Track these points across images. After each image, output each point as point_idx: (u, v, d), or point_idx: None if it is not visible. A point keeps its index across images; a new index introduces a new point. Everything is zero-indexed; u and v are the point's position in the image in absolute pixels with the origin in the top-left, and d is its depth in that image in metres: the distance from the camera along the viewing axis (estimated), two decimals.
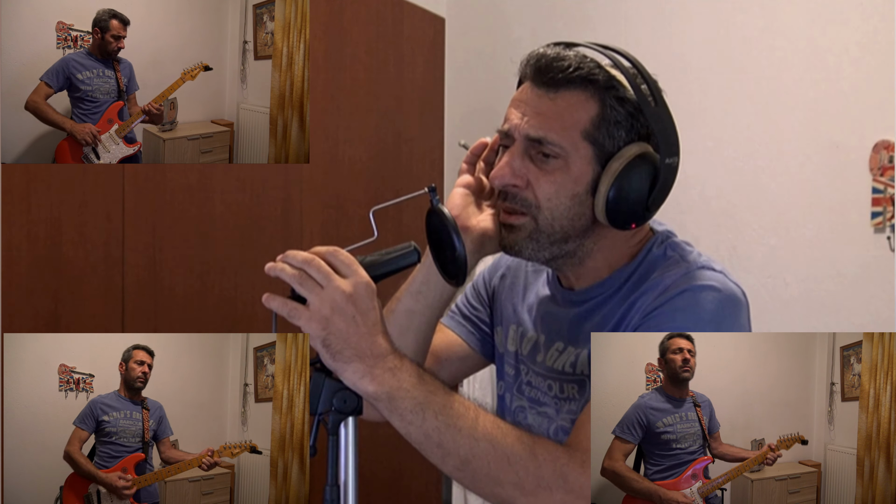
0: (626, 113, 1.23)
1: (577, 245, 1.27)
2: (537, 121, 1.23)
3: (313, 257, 1.10)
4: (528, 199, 1.24)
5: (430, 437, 1.11)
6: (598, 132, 1.22)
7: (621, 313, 1.24)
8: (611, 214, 1.23)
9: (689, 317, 1.17)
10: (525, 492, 1.12)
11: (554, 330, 1.33)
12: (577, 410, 1.28)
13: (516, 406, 1.39)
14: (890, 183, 2.67)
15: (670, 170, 1.23)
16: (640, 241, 1.30)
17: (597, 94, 1.23)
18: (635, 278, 1.26)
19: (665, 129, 1.23)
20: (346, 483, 1.11)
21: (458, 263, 1.18)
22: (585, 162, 1.23)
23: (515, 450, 1.12)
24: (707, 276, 1.21)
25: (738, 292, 1.21)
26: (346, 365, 1.09)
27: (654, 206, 1.24)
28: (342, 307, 1.08)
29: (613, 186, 1.22)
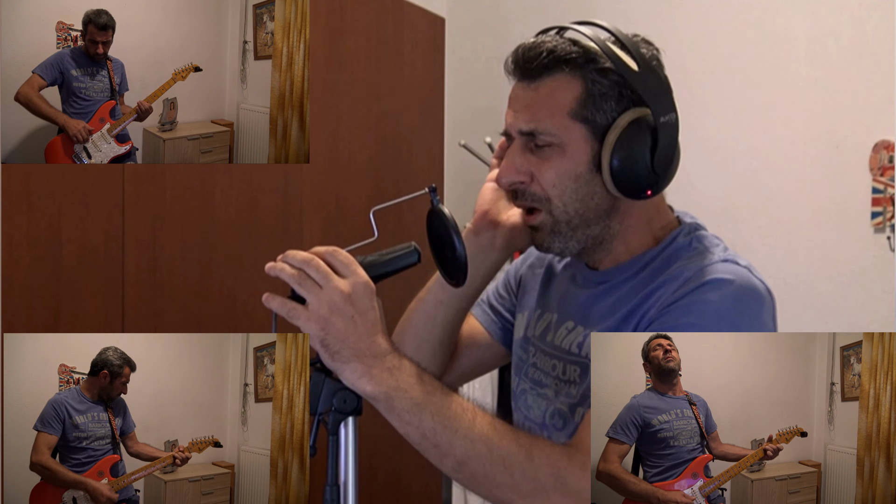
0: (611, 83, 1.22)
1: (602, 228, 1.26)
2: (526, 114, 1.24)
3: (312, 257, 1.10)
4: (536, 193, 1.25)
5: (428, 437, 1.11)
6: (586, 109, 1.22)
7: (638, 300, 1.23)
8: (620, 185, 1.22)
9: (707, 310, 1.16)
10: (522, 494, 1.12)
11: (568, 309, 1.33)
12: (575, 395, 1.27)
13: (520, 389, 1.38)
14: (890, 183, 2.67)
15: (668, 127, 1.22)
16: (665, 228, 1.29)
17: (576, 71, 1.22)
18: (656, 264, 1.25)
19: (652, 88, 1.22)
20: (346, 483, 1.11)
21: (458, 264, 1.18)
22: (582, 141, 1.23)
23: (512, 452, 1.12)
24: (729, 270, 1.19)
25: (761, 288, 1.20)
26: (344, 365, 1.09)
27: (661, 169, 1.23)
28: (341, 307, 1.08)
29: (614, 157, 1.21)
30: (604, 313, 1.26)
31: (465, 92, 3.58)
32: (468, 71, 3.59)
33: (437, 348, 1.42)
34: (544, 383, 1.33)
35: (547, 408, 1.32)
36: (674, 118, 1.23)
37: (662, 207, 1.31)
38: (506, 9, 3.54)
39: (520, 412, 1.37)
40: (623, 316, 1.23)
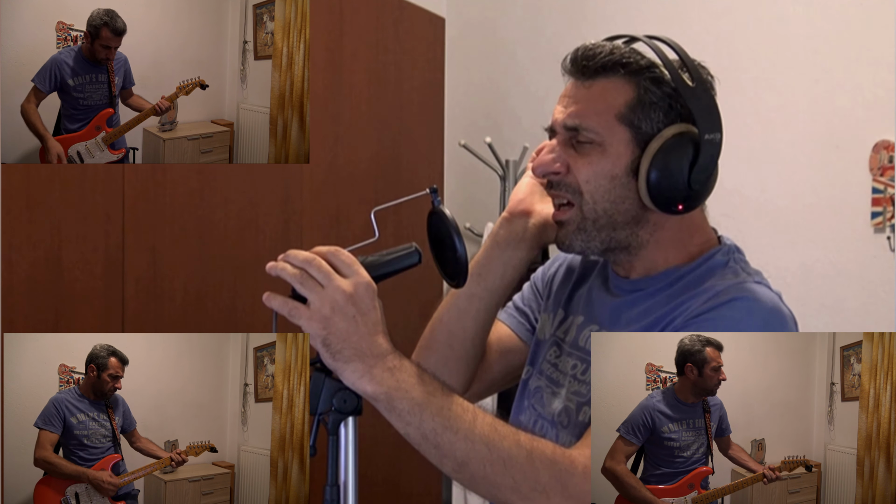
0: (663, 94, 1.23)
1: (628, 234, 1.26)
2: (573, 109, 1.25)
3: (314, 257, 1.10)
4: (570, 185, 1.25)
5: (428, 438, 1.11)
6: (634, 115, 1.23)
7: (666, 311, 1.22)
8: (654, 195, 1.22)
9: (734, 327, 1.15)
10: (521, 496, 1.12)
11: (594, 313, 1.33)
12: (585, 394, 1.27)
13: (535, 387, 1.38)
14: (890, 183, 2.67)
15: (711, 146, 1.22)
16: (702, 244, 1.29)
17: (631, 77, 1.23)
18: (690, 279, 1.25)
19: (703, 106, 1.22)
20: (346, 483, 1.11)
21: (458, 264, 1.18)
22: (623, 145, 1.23)
23: (512, 453, 1.12)
24: (760, 291, 1.20)
25: (788, 316, 1.20)
26: (345, 365, 1.09)
27: (697, 185, 1.23)
28: (342, 307, 1.08)
29: (653, 166, 1.21)
30: (630, 320, 1.26)
31: (465, 92, 3.57)
32: (468, 71, 3.59)
33: (469, 346, 1.42)
34: (561, 383, 1.33)
35: (558, 406, 1.32)
36: (718, 138, 1.23)
37: (704, 226, 1.31)
38: (506, 9, 3.54)
39: (533, 410, 1.37)
40: (649, 324, 1.23)
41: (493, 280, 1.38)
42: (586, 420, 1.25)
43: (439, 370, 1.36)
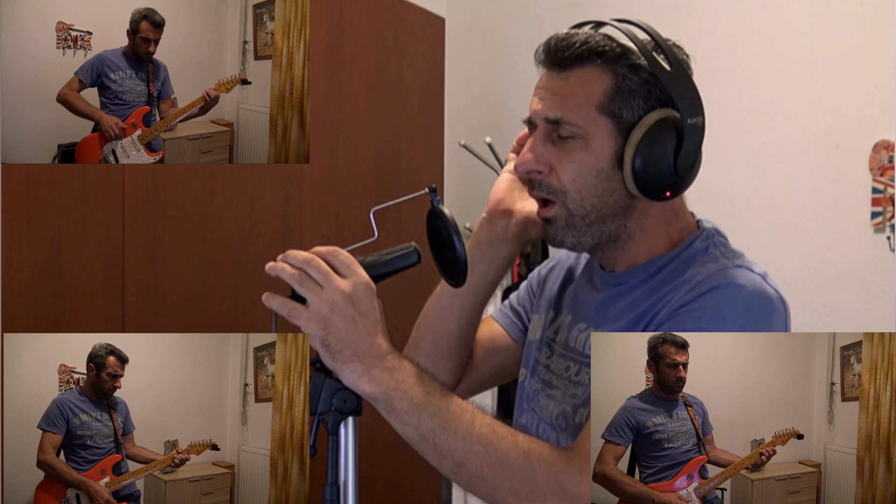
0: (642, 80, 1.22)
1: (617, 226, 1.25)
2: (552, 101, 1.23)
3: (313, 257, 1.10)
4: (552, 185, 1.24)
5: (426, 438, 1.11)
6: (614, 104, 1.22)
7: (650, 303, 1.22)
8: (641, 184, 1.21)
9: (716, 315, 1.15)
10: (519, 497, 1.12)
11: (582, 310, 1.32)
12: (581, 396, 1.27)
13: (531, 390, 1.38)
14: (890, 183, 2.67)
15: (694, 130, 1.22)
16: (682, 231, 1.28)
17: (608, 65, 1.22)
18: (672, 268, 1.24)
19: (683, 90, 1.22)
20: (346, 483, 1.11)
21: (458, 264, 1.18)
22: (606, 136, 1.22)
23: (509, 455, 1.11)
24: (742, 276, 1.18)
25: (773, 296, 1.18)
26: (344, 365, 1.09)
27: (683, 171, 1.22)
28: (341, 307, 1.08)
29: (637, 155, 1.21)
30: (616, 315, 1.26)
31: (465, 92, 3.57)
32: (468, 71, 3.59)
33: (454, 344, 1.42)
34: (556, 385, 1.33)
35: (555, 408, 1.31)
36: (701, 122, 1.23)
37: (682, 211, 1.30)
38: (506, 9, 3.54)
39: (533, 413, 1.36)
40: (634, 318, 1.23)
41: (475, 280, 1.37)
42: (583, 422, 1.25)
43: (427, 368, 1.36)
